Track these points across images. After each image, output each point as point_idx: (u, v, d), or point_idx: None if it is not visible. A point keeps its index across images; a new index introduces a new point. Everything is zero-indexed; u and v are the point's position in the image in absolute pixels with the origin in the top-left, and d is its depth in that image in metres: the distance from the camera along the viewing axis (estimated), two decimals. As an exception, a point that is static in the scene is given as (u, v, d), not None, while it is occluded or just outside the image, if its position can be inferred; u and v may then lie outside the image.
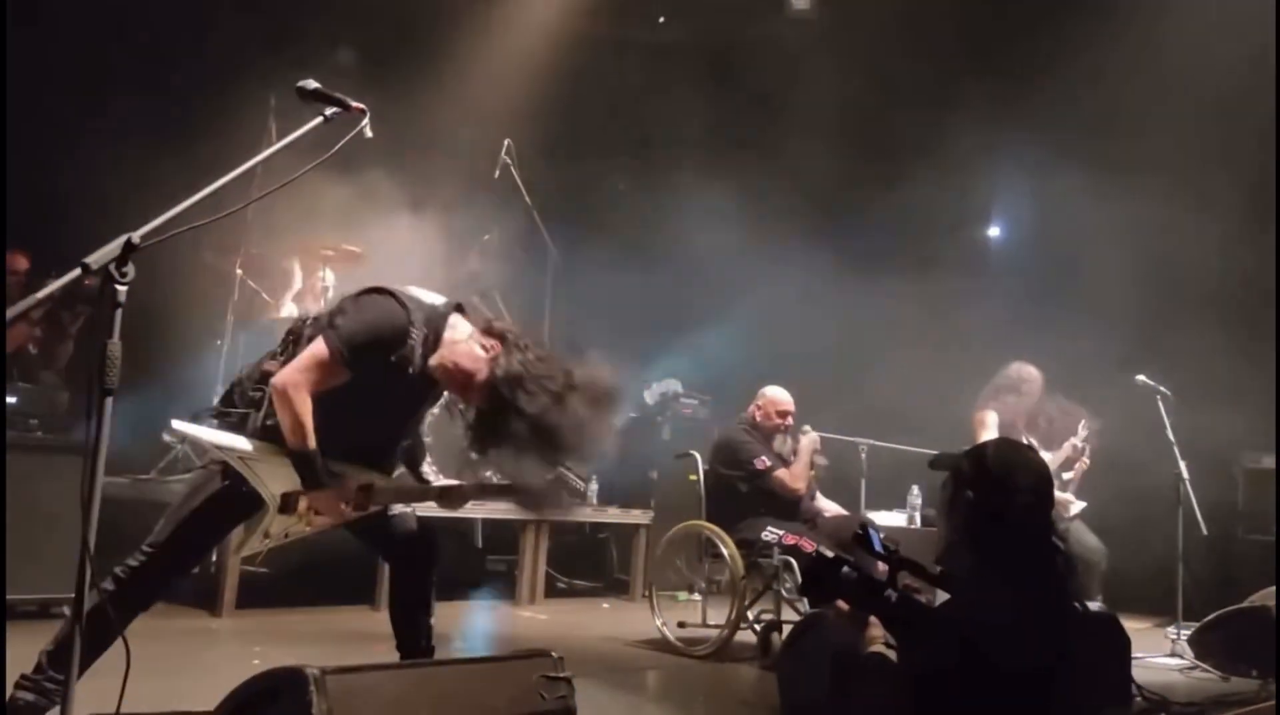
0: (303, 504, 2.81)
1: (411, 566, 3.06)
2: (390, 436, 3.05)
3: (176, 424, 2.79)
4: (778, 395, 5.42)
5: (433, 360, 2.89)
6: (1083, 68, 7.22)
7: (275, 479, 2.79)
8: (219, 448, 2.78)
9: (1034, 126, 7.48)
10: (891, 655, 2.43)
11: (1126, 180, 6.70)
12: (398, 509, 3.04)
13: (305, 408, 2.72)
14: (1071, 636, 2.25)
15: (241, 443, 2.78)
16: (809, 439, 5.30)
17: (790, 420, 5.38)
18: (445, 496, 3.08)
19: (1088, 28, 7.25)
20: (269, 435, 2.79)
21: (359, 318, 2.80)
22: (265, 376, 2.83)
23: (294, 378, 2.73)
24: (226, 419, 2.84)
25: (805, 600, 4.74)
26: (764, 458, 5.19)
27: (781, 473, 5.17)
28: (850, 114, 7.47)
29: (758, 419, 5.39)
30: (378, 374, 2.81)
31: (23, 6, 5.86)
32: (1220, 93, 6.53)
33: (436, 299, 3.00)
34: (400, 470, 3.14)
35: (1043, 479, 2.34)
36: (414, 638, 3.02)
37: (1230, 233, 6.76)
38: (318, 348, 2.76)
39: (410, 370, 2.85)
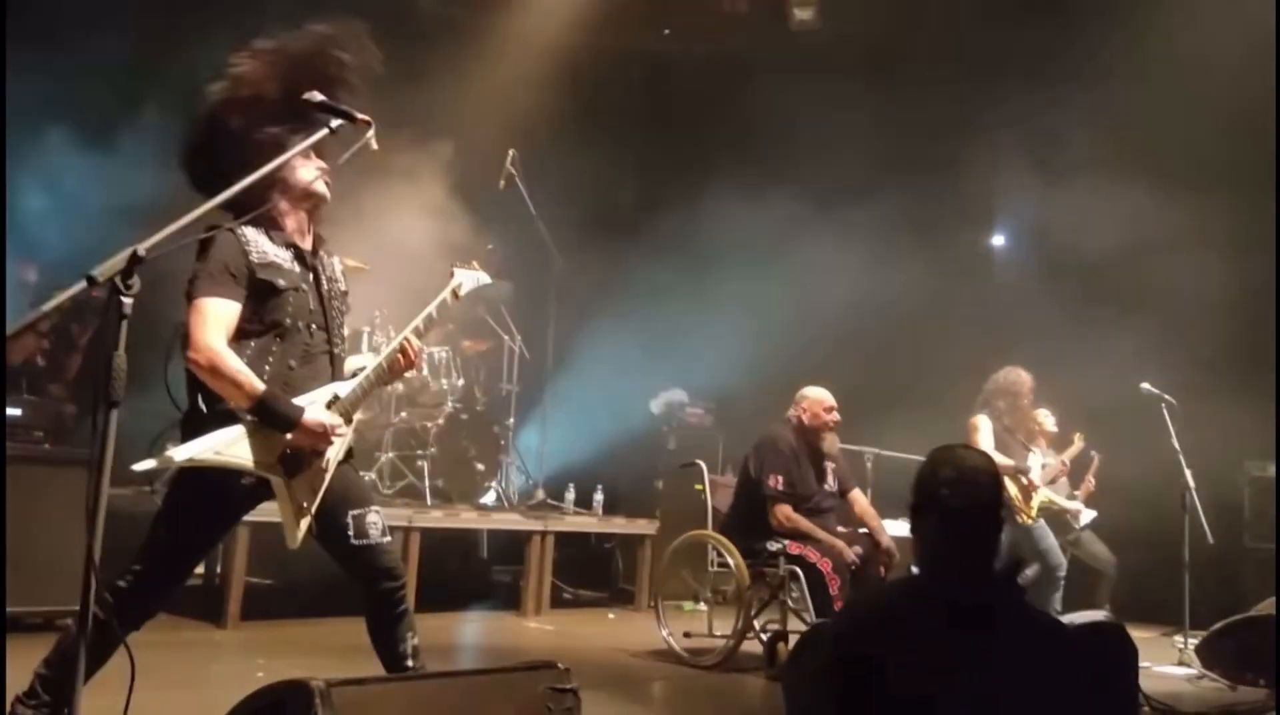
0: (302, 451, 2.74)
1: (384, 600, 2.94)
2: (320, 349, 2.92)
3: (140, 467, 2.62)
4: (821, 394, 5.29)
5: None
6: (1086, 74, 7.24)
7: (262, 451, 2.71)
8: (193, 460, 2.67)
9: (1039, 133, 7.48)
10: None
11: (1133, 186, 6.70)
12: (376, 538, 2.92)
13: (231, 360, 2.66)
14: (1015, 644, 2.21)
15: (209, 442, 2.67)
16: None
17: (836, 416, 5.27)
18: (392, 367, 2.99)
19: (1091, 31, 7.27)
20: (222, 420, 2.69)
21: (199, 263, 2.74)
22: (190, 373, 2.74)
23: (198, 343, 2.66)
24: (191, 427, 2.74)
25: (811, 610, 4.73)
26: (779, 478, 5.09)
27: (782, 507, 5.04)
28: (854, 123, 7.47)
29: (805, 421, 5.25)
30: (261, 292, 2.76)
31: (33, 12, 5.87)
32: (1225, 97, 6.52)
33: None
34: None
35: (971, 480, 2.30)
36: (395, 661, 2.92)
37: (1235, 240, 6.76)
38: (195, 305, 2.70)
39: (282, 268, 2.80)
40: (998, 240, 9.48)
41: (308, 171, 2.88)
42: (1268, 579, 5.68)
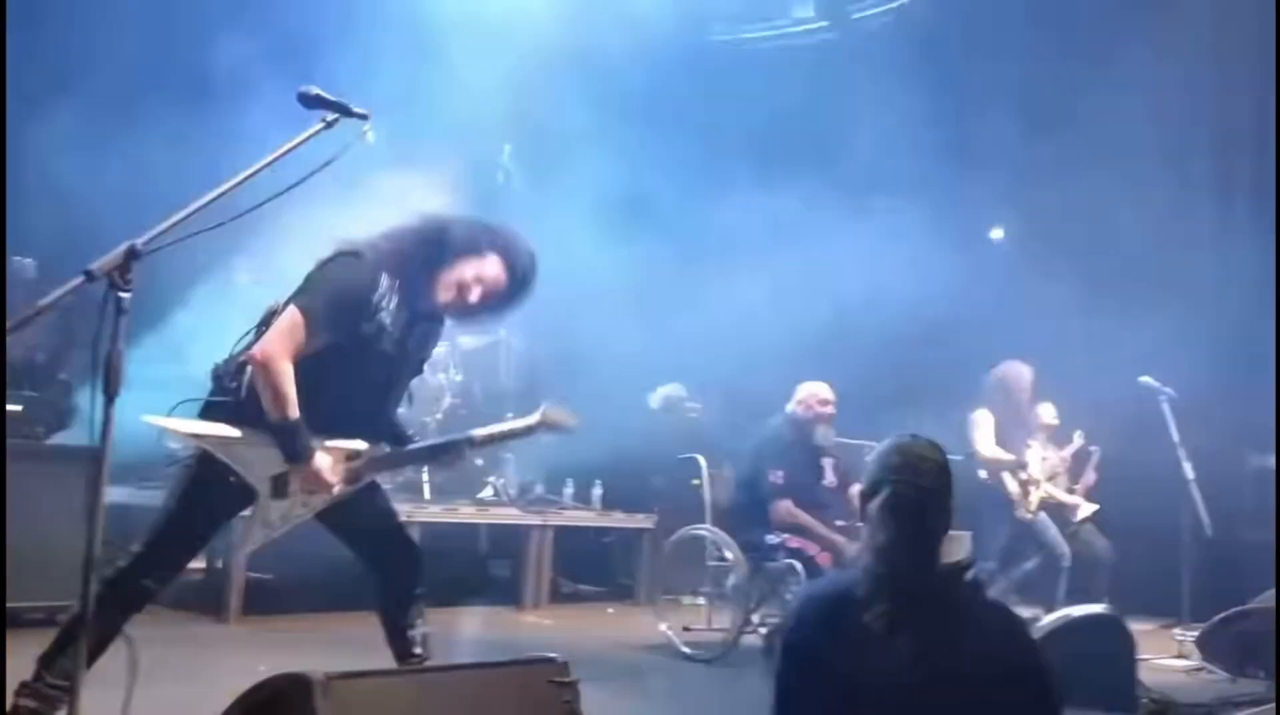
0: (294, 483, 2.79)
1: (396, 579, 3.01)
2: (374, 405, 3.00)
3: (150, 418, 2.72)
4: (816, 387, 5.37)
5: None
6: (1088, 66, 7.23)
7: (262, 463, 2.77)
8: (198, 436, 2.75)
9: (1040, 127, 7.47)
10: None
11: (1131, 179, 6.70)
12: (387, 518, 3.02)
13: (286, 375, 2.71)
14: (957, 632, 2.23)
15: (222, 430, 2.76)
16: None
17: (832, 408, 5.32)
18: (436, 455, 3.10)
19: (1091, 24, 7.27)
20: (249, 420, 2.75)
21: (324, 279, 2.81)
22: (242, 364, 2.81)
23: (270, 347, 2.71)
24: (211, 410, 2.82)
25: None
26: (781, 473, 5.11)
27: (783, 503, 5.07)
28: (857, 122, 7.46)
29: (800, 414, 5.31)
30: (354, 337, 2.80)
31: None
32: (1222, 88, 6.52)
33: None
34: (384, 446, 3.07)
35: (915, 467, 2.31)
36: (405, 645, 2.98)
37: (1232, 233, 6.76)
38: (289, 313, 2.76)
39: (386, 327, 2.84)
40: (998, 233, 9.48)
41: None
42: (1267, 571, 5.68)
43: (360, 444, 2.93)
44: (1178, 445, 5.76)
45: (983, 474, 6.00)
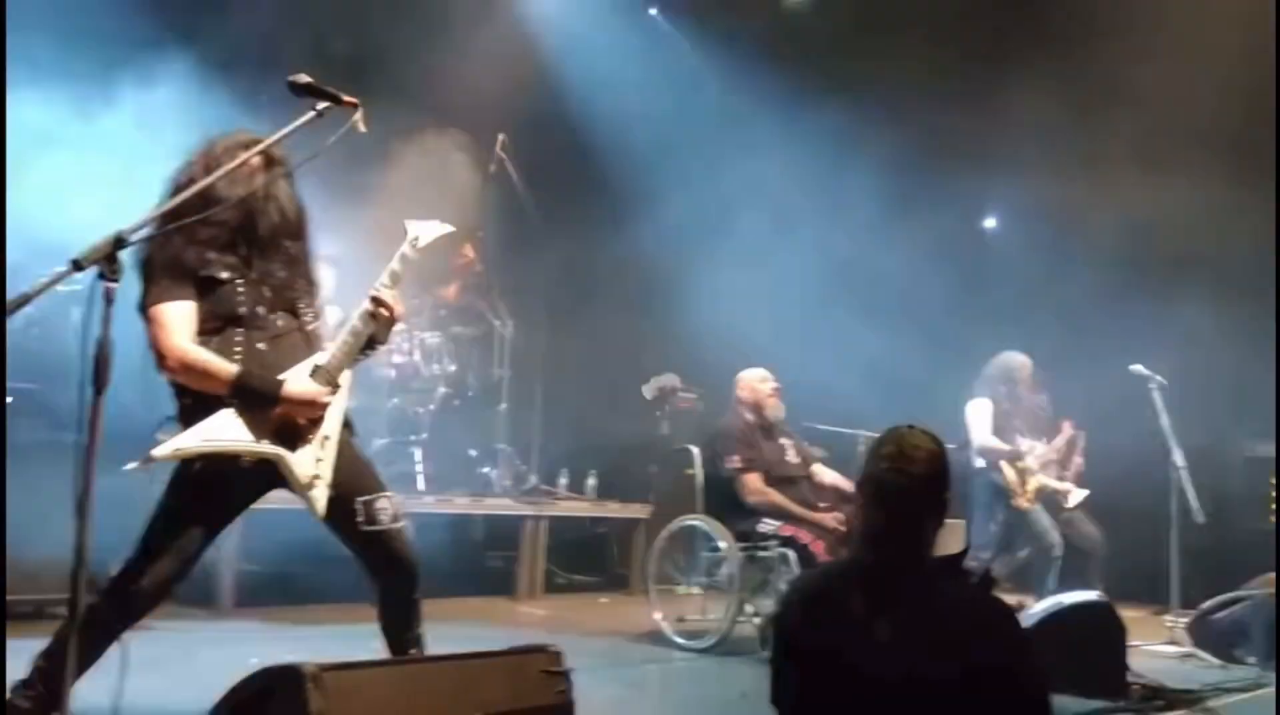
0: (297, 425, 2.74)
1: (395, 590, 2.95)
2: (289, 327, 2.90)
3: (157, 454, 2.61)
4: (755, 372, 5.48)
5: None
6: (1079, 50, 7.22)
7: (258, 430, 2.71)
8: (180, 453, 2.65)
9: (1031, 112, 7.46)
10: None
11: (1123, 165, 6.70)
12: (387, 524, 2.91)
13: (199, 354, 2.67)
14: (943, 619, 2.23)
15: (193, 433, 2.67)
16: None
17: (773, 385, 5.40)
18: (376, 321, 2.94)
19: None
20: (207, 409, 2.69)
21: (148, 265, 2.73)
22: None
23: (165, 348, 2.66)
24: (188, 414, 2.73)
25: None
26: (735, 457, 5.16)
27: (749, 477, 5.10)
28: (846, 105, 7.44)
29: (745, 398, 5.40)
30: (207, 286, 2.75)
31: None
32: (1217, 72, 6.50)
33: None
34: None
35: (909, 457, 2.31)
36: (402, 648, 2.95)
37: (1228, 218, 6.76)
38: (150, 315, 2.70)
39: (210, 260, 2.76)
40: (990, 223, 9.49)
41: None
42: (1258, 557, 5.71)
43: (310, 360, 2.85)
44: (1167, 432, 5.77)
45: (980, 463, 6.01)
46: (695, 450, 5.60)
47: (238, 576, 5.19)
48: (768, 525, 4.97)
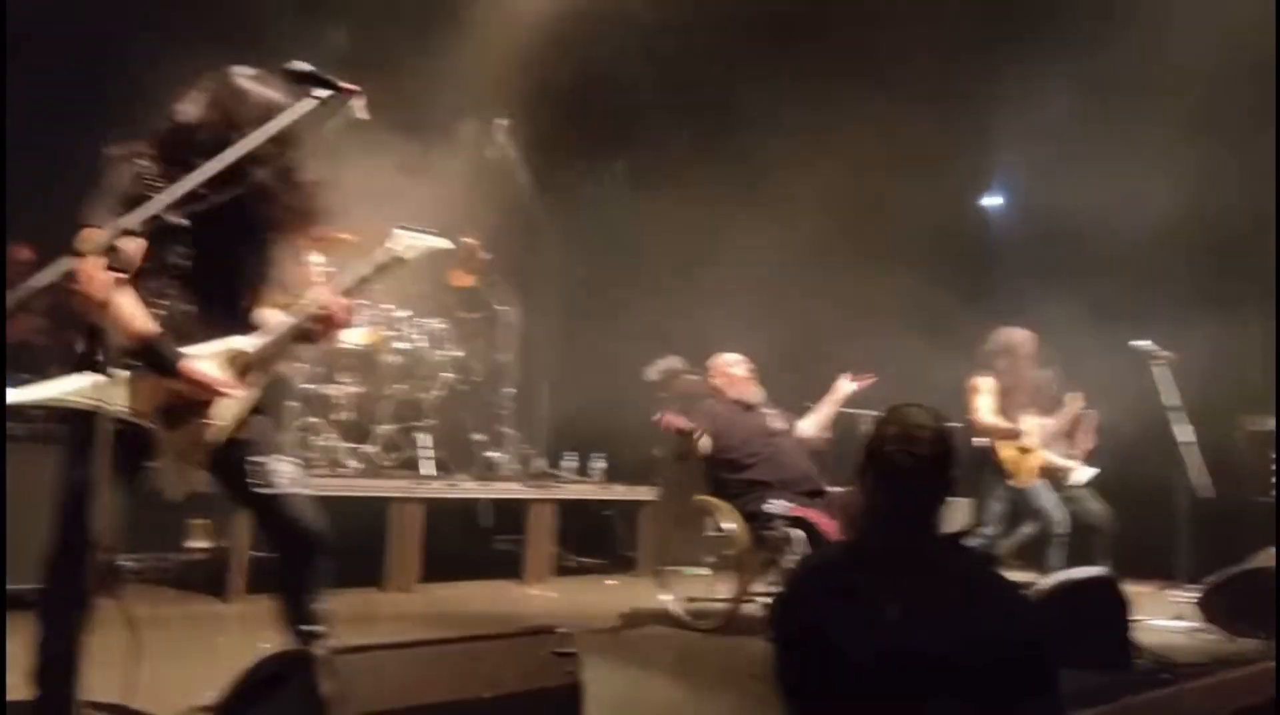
0: (187, 406, 2.61)
1: (289, 556, 2.85)
2: (225, 295, 2.78)
3: (11, 396, 2.48)
4: (724, 357, 5.70)
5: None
6: (1085, 26, 7.18)
7: (142, 397, 2.58)
8: (62, 400, 2.48)
9: (1034, 89, 7.42)
10: None
11: (1127, 142, 6.66)
12: (280, 488, 2.77)
13: (123, 297, 2.51)
14: (951, 599, 2.24)
15: (65, 384, 2.48)
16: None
17: (742, 369, 5.58)
18: (320, 324, 2.79)
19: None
20: (113, 363, 2.50)
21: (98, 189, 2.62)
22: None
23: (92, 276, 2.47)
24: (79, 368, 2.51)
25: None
26: (708, 441, 5.27)
27: (704, 441, 5.28)
28: (848, 85, 7.40)
29: (717, 384, 5.62)
30: (157, 228, 2.51)
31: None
32: (1220, 49, 6.46)
33: None
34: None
35: (913, 437, 2.32)
36: (298, 618, 2.83)
37: (1231, 193, 6.73)
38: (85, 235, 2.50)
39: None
40: (992, 200, 9.45)
41: None
42: (1264, 532, 5.71)
43: (232, 340, 2.75)
44: (1171, 407, 5.76)
45: (981, 440, 6.00)
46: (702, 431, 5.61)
47: (250, 563, 5.21)
48: (776, 505, 4.99)
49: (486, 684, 2.38)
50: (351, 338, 6.46)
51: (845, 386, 5.60)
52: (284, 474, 2.80)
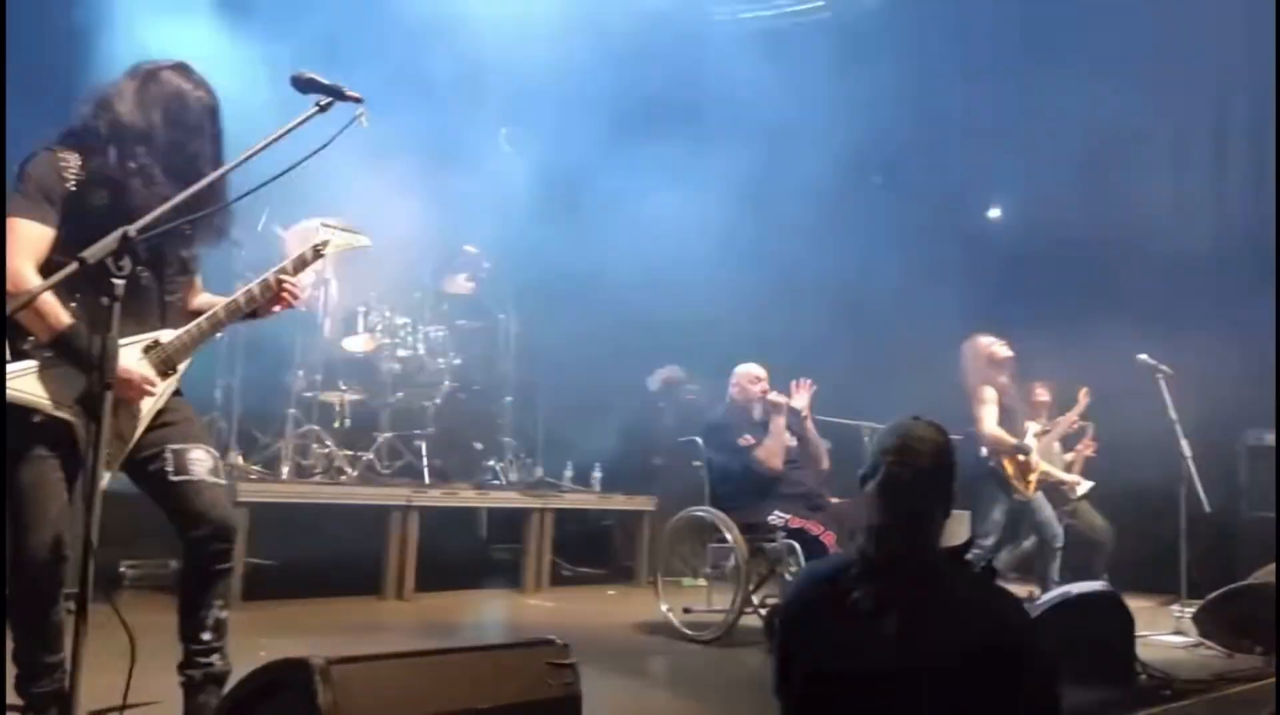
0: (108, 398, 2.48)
1: (197, 551, 2.71)
2: (148, 287, 2.71)
3: None
4: (748, 368, 5.55)
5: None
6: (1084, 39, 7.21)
7: (61, 389, 2.52)
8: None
9: (1034, 103, 7.44)
10: None
11: (1123, 155, 6.67)
12: (199, 476, 2.69)
13: (35, 286, 2.41)
14: (949, 611, 2.23)
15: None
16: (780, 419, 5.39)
17: (764, 386, 5.46)
18: (243, 307, 2.77)
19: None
20: (26, 354, 2.51)
21: (17, 181, 2.59)
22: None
23: (11, 267, 2.45)
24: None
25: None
26: (748, 435, 5.26)
27: (760, 451, 5.21)
28: (849, 96, 7.42)
29: (735, 397, 5.51)
30: (76, 216, 2.56)
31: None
32: (1220, 63, 6.49)
33: None
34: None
35: (913, 449, 2.32)
36: (191, 626, 2.74)
37: (1230, 207, 6.75)
38: (10, 226, 2.52)
39: (90, 189, 2.59)
40: (995, 213, 9.46)
41: None
42: (1265, 548, 5.70)
43: (153, 333, 2.69)
44: (1175, 422, 5.76)
45: (984, 452, 5.99)
46: (701, 442, 5.61)
47: (246, 570, 5.20)
48: (776, 517, 4.98)
49: (484, 695, 2.37)
50: (351, 345, 6.47)
51: (778, 398, 5.44)
52: (201, 462, 2.72)
